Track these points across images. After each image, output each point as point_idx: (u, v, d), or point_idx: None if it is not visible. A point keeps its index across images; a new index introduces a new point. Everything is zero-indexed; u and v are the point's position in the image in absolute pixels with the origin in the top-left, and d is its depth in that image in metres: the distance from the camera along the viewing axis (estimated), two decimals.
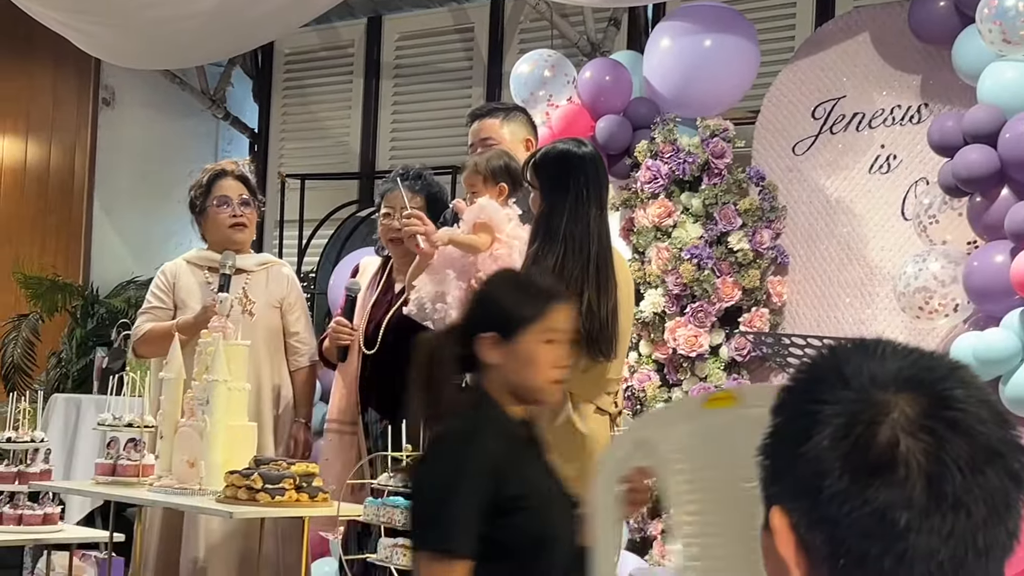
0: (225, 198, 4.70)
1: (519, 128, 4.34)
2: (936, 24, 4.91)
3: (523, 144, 4.29)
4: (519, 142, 4.28)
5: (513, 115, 4.37)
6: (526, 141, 4.30)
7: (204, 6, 6.35)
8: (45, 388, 7.65)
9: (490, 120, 4.35)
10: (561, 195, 3.73)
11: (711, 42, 5.55)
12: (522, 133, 4.32)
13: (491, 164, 4.05)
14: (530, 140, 4.32)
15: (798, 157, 5.47)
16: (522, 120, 4.38)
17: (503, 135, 4.30)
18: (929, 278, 4.63)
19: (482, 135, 4.34)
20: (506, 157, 4.08)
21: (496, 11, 7.96)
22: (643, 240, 5.50)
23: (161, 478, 4.14)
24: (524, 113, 4.45)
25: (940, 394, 1.09)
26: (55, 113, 8.96)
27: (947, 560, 1.06)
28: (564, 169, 3.75)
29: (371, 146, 8.47)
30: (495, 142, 4.27)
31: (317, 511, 3.89)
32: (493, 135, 4.31)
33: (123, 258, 8.84)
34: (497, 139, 4.28)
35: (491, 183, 4.04)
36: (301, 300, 4.80)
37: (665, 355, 5.41)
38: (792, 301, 5.41)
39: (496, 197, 4.03)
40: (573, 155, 3.78)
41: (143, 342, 4.72)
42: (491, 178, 4.04)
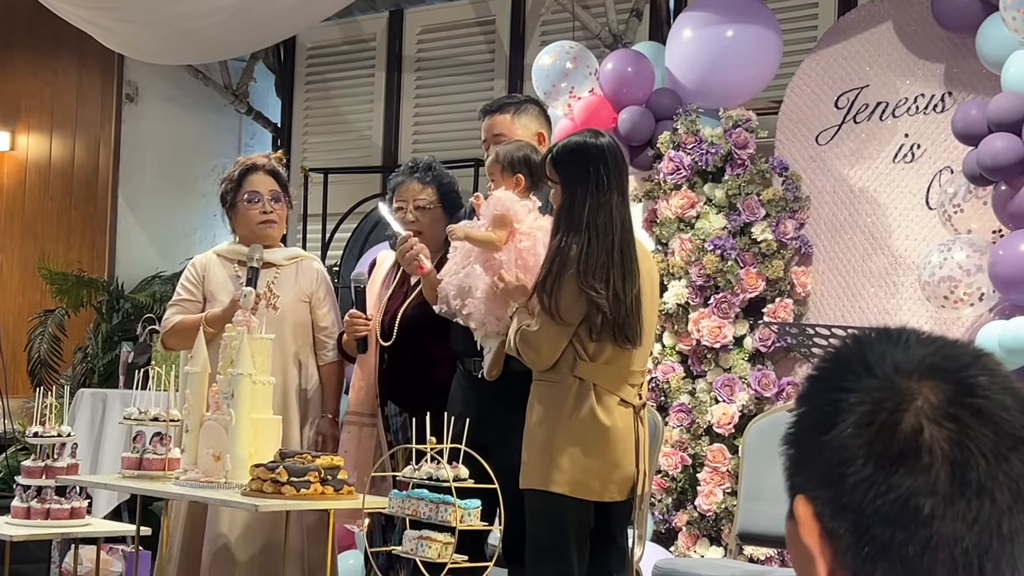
0: (256, 194, 4.70)
1: (531, 121, 4.32)
2: (959, 12, 4.88)
3: (535, 138, 4.27)
4: (531, 136, 4.27)
5: (524, 108, 4.35)
6: (538, 135, 4.28)
7: (226, 1, 6.36)
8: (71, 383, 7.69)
9: (500, 116, 4.33)
10: (582, 185, 3.74)
11: (733, 32, 5.54)
12: (534, 127, 4.30)
13: (510, 154, 4.05)
14: (542, 133, 4.29)
15: (821, 147, 5.45)
16: (534, 113, 4.36)
17: (515, 130, 4.28)
18: (954, 267, 4.61)
19: (494, 131, 4.33)
20: (527, 149, 4.08)
21: (517, 3, 7.95)
22: (666, 231, 5.49)
23: (187, 472, 4.15)
24: (537, 105, 4.43)
25: (964, 381, 1.09)
26: (79, 109, 9.00)
27: (972, 547, 1.06)
28: (583, 159, 3.77)
29: (393, 139, 8.48)
30: (506, 138, 4.25)
31: (342, 504, 3.90)
32: (504, 131, 4.29)
33: (148, 253, 8.87)
34: (508, 134, 4.27)
35: (508, 173, 4.04)
36: (330, 295, 4.80)
37: (689, 346, 5.41)
38: (816, 291, 5.39)
39: (513, 188, 4.02)
40: (591, 145, 3.80)
41: (172, 334, 4.74)
42: (508, 168, 4.04)
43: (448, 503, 3.49)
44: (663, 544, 5.32)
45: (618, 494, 3.79)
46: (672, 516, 5.36)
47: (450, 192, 4.63)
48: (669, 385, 5.41)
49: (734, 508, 5.05)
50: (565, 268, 3.68)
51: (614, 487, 3.77)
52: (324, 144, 8.84)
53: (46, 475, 4.74)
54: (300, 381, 4.63)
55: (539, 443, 3.75)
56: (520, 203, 3.97)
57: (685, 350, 5.44)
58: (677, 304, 5.41)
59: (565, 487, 3.71)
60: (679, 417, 5.35)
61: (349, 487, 3.92)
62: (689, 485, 5.35)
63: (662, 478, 5.33)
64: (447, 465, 3.54)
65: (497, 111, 4.35)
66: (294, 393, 4.59)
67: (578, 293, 3.68)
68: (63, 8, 6.66)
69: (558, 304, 3.69)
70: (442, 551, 3.50)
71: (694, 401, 5.35)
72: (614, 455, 3.76)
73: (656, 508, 5.38)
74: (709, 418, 5.30)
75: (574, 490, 3.71)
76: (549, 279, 3.70)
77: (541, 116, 4.37)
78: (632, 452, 3.79)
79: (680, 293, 5.40)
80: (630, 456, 3.78)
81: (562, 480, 3.71)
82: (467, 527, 3.49)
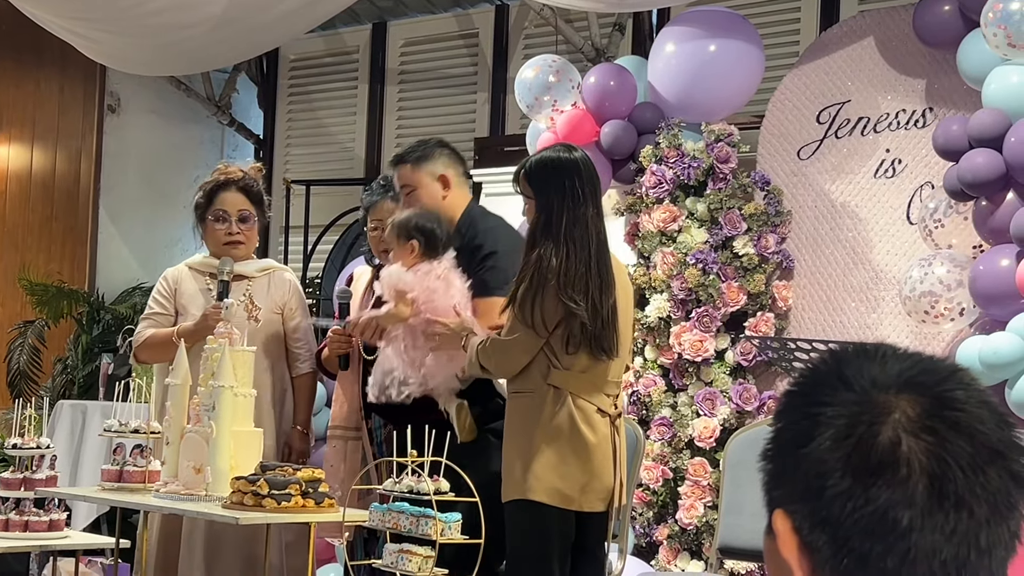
0: (224, 213, 4.68)
1: (433, 166, 4.32)
2: (941, 28, 4.91)
3: (439, 181, 4.29)
4: (435, 180, 4.30)
5: (427, 154, 4.34)
6: (441, 178, 4.30)
7: (209, 13, 6.36)
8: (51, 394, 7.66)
9: (403, 167, 4.36)
10: (557, 198, 3.78)
11: (716, 47, 5.56)
12: (439, 170, 4.31)
13: (403, 222, 4.17)
14: (444, 175, 4.30)
15: (803, 161, 5.47)
16: (438, 156, 4.35)
17: (418, 178, 4.31)
18: (935, 282, 4.62)
19: (400, 183, 4.37)
20: (421, 217, 4.17)
21: (501, 17, 7.96)
22: (648, 245, 5.50)
23: (167, 484, 4.14)
24: (442, 147, 4.42)
25: (941, 395, 1.10)
26: (61, 120, 8.97)
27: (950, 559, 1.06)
28: (556, 173, 3.81)
29: (376, 152, 8.47)
30: (411, 187, 4.30)
31: (323, 517, 3.89)
32: (408, 181, 4.33)
33: (129, 264, 8.84)
34: (412, 184, 4.31)
35: (402, 239, 4.16)
36: (303, 306, 4.79)
37: (671, 360, 5.41)
38: (797, 305, 5.40)
39: (408, 254, 4.14)
40: (565, 159, 3.84)
41: (143, 348, 4.72)
42: (402, 235, 4.16)
43: (429, 516, 3.49)
44: (644, 558, 5.32)
45: (598, 504, 3.80)
46: (653, 530, 5.36)
47: None
48: (651, 398, 5.41)
49: (715, 522, 5.05)
50: (545, 279, 3.70)
51: (593, 496, 3.78)
52: (306, 156, 8.84)
53: (25, 487, 4.72)
54: (273, 392, 4.61)
55: (517, 454, 3.76)
56: (407, 272, 4.09)
57: (667, 364, 5.44)
58: (659, 318, 5.42)
59: (544, 495, 3.71)
60: (660, 431, 5.35)
61: (330, 500, 3.91)
62: (670, 499, 5.35)
63: (643, 491, 5.33)
64: (428, 478, 3.53)
65: (398, 163, 4.38)
66: (267, 404, 4.57)
67: (557, 304, 3.70)
68: (46, 19, 6.64)
69: (542, 315, 3.70)
70: (422, 564, 3.49)
71: (675, 415, 5.35)
72: (593, 464, 3.76)
73: (637, 521, 5.37)
74: (690, 432, 5.30)
75: (553, 499, 3.72)
76: (528, 291, 3.71)
77: (446, 157, 4.35)
78: (610, 462, 3.80)
79: (662, 307, 5.41)
80: (608, 466, 3.79)
81: (540, 488, 3.71)
82: (447, 540, 3.49)
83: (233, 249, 4.68)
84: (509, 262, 4.03)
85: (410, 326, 4.08)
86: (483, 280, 4.07)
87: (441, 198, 4.28)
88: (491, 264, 4.11)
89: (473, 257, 4.15)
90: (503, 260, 4.09)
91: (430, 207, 4.25)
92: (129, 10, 6.34)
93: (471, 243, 4.18)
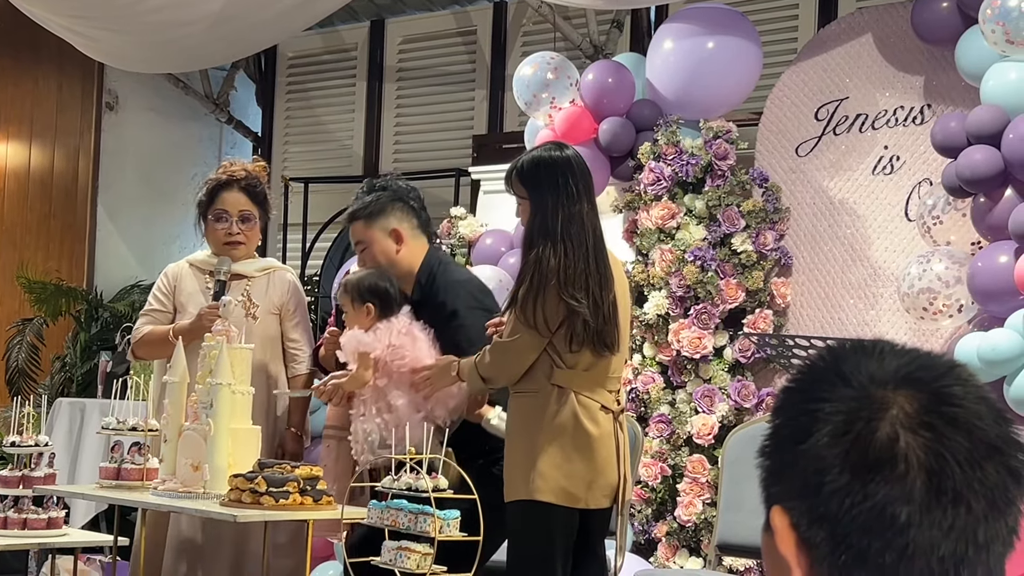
0: (224, 213, 4.67)
1: (384, 221, 4.32)
2: (939, 25, 4.91)
3: (391, 235, 4.30)
4: (386, 236, 4.31)
5: (377, 212, 4.34)
6: (393, 232, 4.30)
7: (208, 10, 6.35)
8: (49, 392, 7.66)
9: (354, 225, 4.37)
10: (552, 197, 3.78)
11: (714, 44, 5.55)
12: (391, 224, 4.32)
13: (357, 286, 4.21)
14: (396, 230, 4.31)
15: (801, 158, 5.47)
16: (389, 211, 4.35)
17: (370, 234, 4.33)
18: (933, 279, 4.62)
19: (354, 239, 4.40)
20: (374, 276, 4.21)
21: (499, 14, 7.96)
22: (646, 242, 5.50)
23: (165, 482, 4.13)
24: (393, 200, 4.41)
25: (939, 391, 1.10)
26: (59, 117, 8.97)
27: (948, 554, 1.06)
28: (549, 171, 3.81)
29: (374, 149, 8.47)
30: (364, 244, 4.31)
31: (321, 514, 3.89)
32: (362, 238, 4.35)
33: (127, 262, 8.84)
34: (365, 241, 4.33)
35: (358, 303, 4.21)
36: (301, 307, 4.77)
37: (669, 357, 5.41)
38: (796, 302, 5.40)
39: (364, 316, 4.18)
40: (557, 157, 3.85)
41: (141, 344, 4.72)
42: (357, 299, 4.21)
43: (427, 513, 3.49)
44: (642, 555, 5.32)
45: (603, 501, 3.80)
46: (652, 527, 5.36)
47: None
48: (649, 396, 5.41)
49: (713, 519, 5.05)
50: (546, 279, 3.69)
51: (599, 493, 3.78)
52: (305, 154, 8.84)
53: (23, 485, 4.72)
54: (269, 391, 4.61)
55: (522, 453, 3.75)
56: (366, 335, 4.13)
57: (665, 361, 5.44)
58: (657, 315, 5.42)
59: (551, 495, 3.70)
60: (659, 428, 5.35)
61: (328, 498, 3.91)
62: (669, 496, 5.35)
63: (642, 489, 5.33)
64: (426, 475, 3.53)
65: (351, 220, 4.39)
66: (262, 404, 4.56)
67: (559, 303, 3.69)
68: (44, 17, 6.64)
69: (544, 315, 3.70)
70: (421, 562, 3.49)
71: (674, 412, 5.35)
72: (598, 461, 3.76)
73: (636, 519, 5.37)
74: (689, 429, 5.30)
75: (559, 498, 3.71)
76: (529, 292, 3.71)
77: (398, 211, 4.35)
78: (615, 458, 3.80)
79: (660, 304, 5.41)
80: (613, 462, 3.79)
81: (547, 488, 3.70)
82: (446, 538, 3.49)
83: (233, 249, 4.67)
84: (474, 318, 4.09)
85: (378, 388, 4.12)
86: (455, 343, 4.07)
87: (395, 252, 4.30)
88: (457, 324, 4.13)
89: (438, 315, 4.18)
90: (468, 317, 4.12)
91: (384, 263, 4.29)
92: (127, 8, 6.34)
93: (434, 299, 4.21)
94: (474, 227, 6.27)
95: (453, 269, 4.33)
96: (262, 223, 4.82)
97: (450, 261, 4.40)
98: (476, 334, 3.99)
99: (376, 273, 4.26)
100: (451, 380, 3.97)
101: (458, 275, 4.29)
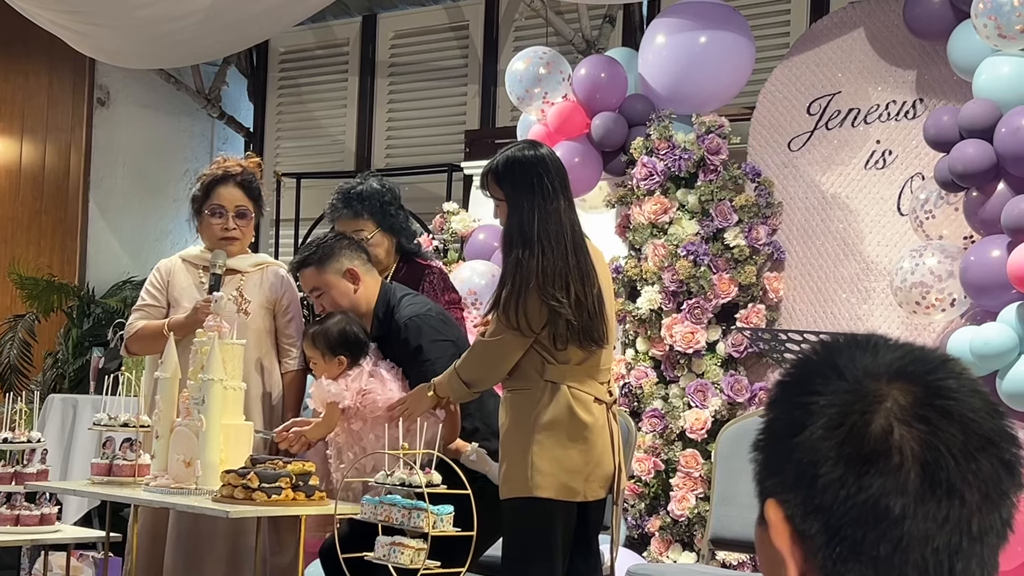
0: (221, 208, 4.65)
1: (336, 263, 4.29)
2: (931, 19, 4.91)
3: (347, 275, 4.28)
4: (341, 278, 4.29)
5: (326, 255, 4.30)
6: (348, 272, 4.29)
7: (198, 5, 6.34)
8: (41, 388, 7.65)
9: (305, 272, 4.34)
10: (528, 197, 3.78)
11: (706, 39, 5.55)
12: (343, 266, 4.29)
13: (325, 338, 4.18)
14: (351, 269, 4.29)
15: (794, 153, 5.47)
16: (337, 252, 4.31)
17: (325, 281, 4.30)
18: (926, 273, 4.63)
19: (308, 287, 4.37)
20: (339, 326, 4.19)
21: (491, 8, 7.95)
22: (639, 237, 5.50)
23: (157, 478, 4.13)
24: (337, 239, 4.39)
25: (932, 384, 1.10)
26: (50, 113, 8.95)
27: (942, 546, 1.07)
28: (525, 171, 3.81)
29: (367, 144, 8.47)
30: (321, 290, 4.30)
31: (314, 510, 3.89)
32: (316, 284, 4.32)
33: (119, 258, 8.83)
34: (321, 286, 4.30)
35: (329, 357, 4.18)
36: (295, 303, 4.76)
37: (662, 352, 5.41)
38: (788, 297, 5.41)
39: (337, 367, 4.16)
40: (531, 156, 3.85)
41: (135, 339, 4.70)
42: (328, 352, 4.18)
43: (421, 509, 3.48)
44: (636, 549, 5.32)
45: (600, 491, 3.80)
46: (645, 521, 5.37)
47: (386, 213, 4.64)
48: (642, 390, 5.41)
49: (707, 513, 5.05)
50: (526, 281, 3.70)
51: (596, 484, 3.78)
52: (297, 149, 8.83)
53: (16, 481, 4.70)
54: (263, 387, 4.59)
55: (518, 450, 3.74)
56: (335, 384, 4.12)
57: (658, 355, 5.44)
58: (650, 310, 5.42)
59: (550, 491, 3.71)
60: (652, 422, 5.35)
61: (320, 493, 3.90)
62: (662, 490, 5.35)
63: (635, 483, 5.33)
64: (420, 471, 3.53)
65: (300, 267, 4.36)
66: (257, 400, 4.55)
67: (540, 305, 3.70)
68: (34, 12, 6.62)
69: (527, 317, 3.71)
70: (415, 557, 3.49)
71: (667, 406, 5.35)
72: (595, 451, 3.77)
73: (629, 513, 5.38)
74: (682, 423, 5.30)
75: (559, 492, 3.72)
76: (511, 294, 3.72)
77: (347, 250, 4.32)
78: (610, 448, 3.80)
79: (653, 299, 5.41)
80: (609, 452, 3.80)
81: (545, 484, 3.70)
82: (440, 533, 3.48)
83: (228, 244, 4.66)
84: (439, 351, 4.10)
85: (353, 432, 4.12)
86: (423, 379, 4.03)
87: (353, 292, 4.28)
88: (423, 359, 4.12)
89: (403, 352, 4.18)
90: (433, 351, 4.12)
91: (346, 305, 4.27)
92: (118, 3, 6.33)
93: (397, 335, 4.19)
94: (467, 222, 6.27)
95: (409, 301, 4.27)
96: (256, 219, 4.81)
97: (405, 292, 4.34)
98: (442, 366, 3.99)
99: (342, 320, 4.22)
100: (429, 403, 3.95)
101: (415, 307, 4.24)
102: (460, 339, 4.25)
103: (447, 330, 4.23)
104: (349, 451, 4.13)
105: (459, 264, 6.08)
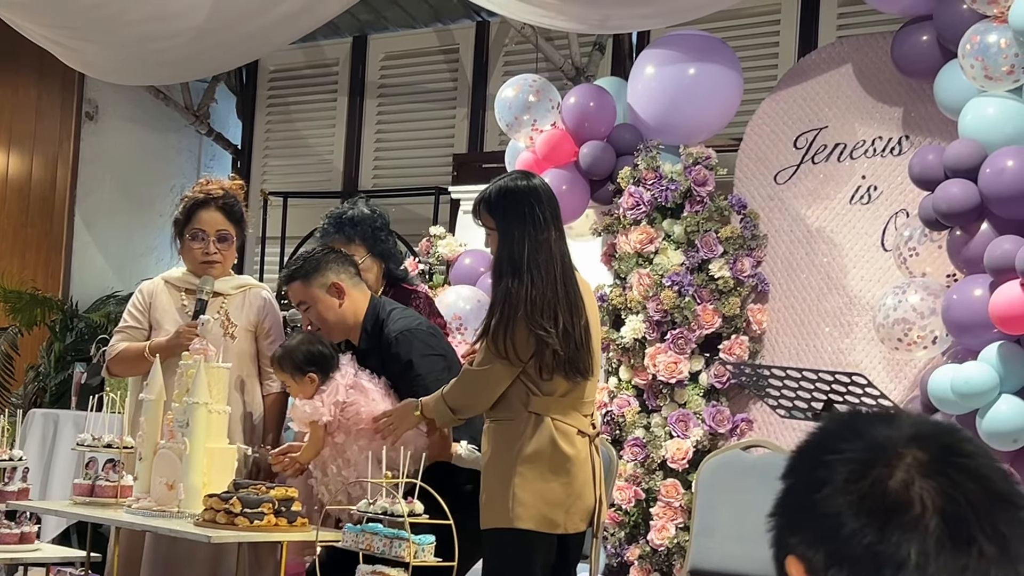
0: (201, 232, 4.65)
1: (322, 278, 4.31)
2: (919, 58, 4.94)
3: (332, 289, 4.31)
4: (327, 292, 4.31)
5: (313, 269, 4.33)
6: (334, 286, 4.31)
7: (191, 24, 6.35)
8: (23, 402, 7.62)
9: (292, 286, 4.37)
10: (519, 227, 3.80)
11: (695, 70, 5.58)
12: (328, 280, 4.31)
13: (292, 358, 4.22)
14: (336, 283, 4.31)
15: (780, 186, 5.50)
16: (323, 266, 4.33)
17: (311, 295, 4.33)
18: (908, 310, 4.66)
19: (295, 300, 4.40)
20: (303, 346, 4.23)
21: (481, 33, 7.98)
22: (625, 266, 5.52)
23: (139, 500, 4.12)
24: (325, 254, 4.42)
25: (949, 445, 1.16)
26: (38, 126, 8.95)
27: None
28: (516, 201, 3.83)
29: (354, 165, 8.48)
30: (308, 304, 4.33)
31: (296, 536, 3.89)
32: (302, 299, 4.35)
33: (103, 272, 8.82)
34: (307, 300, 4.33)
35: (299, 376, 4.22)
36: (277, 325, 4.77)
37: (645, 381, 5.43)
38: (772, 329, 5.43)
39: (309, 386, 4.19)
40: (523, 186, 3.87)
41: (116, 361, 4.70)
42: (297, 372, 4.22)
43: (402, 538, 3.49)
44: None
45: (581, 524, 3.82)
46: (624, 550, 5.38)
47: (376, 239, 4.67)
48: (624, 419, 5.42)
49: (686, 543, 5.06)
50: (515, 311, 3.72)
51: (576, 517, 3.80)
52: (284, 168, 8.84)
53: None
54: (244, 408, 4.60)
55: (500, 480, 3.76)
56: (312, 404, 4.14)
57: (641, 384, 5.46)
58: (634, 339, 5.43)
59: (530, 522, 3.72)
60: (633, 451, 5.36)
61: (303, 519, 3.91)
62: (642, 519, 5.37)
63: (615, 512, 5.34)
64: (402, 500, 3.54)
65: (288, 282, 4.39)
66: (239, 421, 4.56)
67: (528, 334, 3.72)
68: (24, 26, 6.63)
69: (515, 347, 3.72)
70: None
71: (649, 435, 5.37)
72: (576, 484, 3.78)
73: (608, 542, 5.39)
74: (663, 453, 5.32)
75: (539, 524, 3.73)
76: (500, 324, 3.74)
77: (334, 264, 4.34)
78: (591, 481, 3.82)
79: (637, 328, 5.42)
80: (590, 485, 3.81)
81: (526, 516, 3.72)
82: (421, 563, 3.49)
83: (210, 268, 4.66)
84: (430, 365, 4.13)
85: (336, 445, 4.13)
86: (414, 394, 4.05)
87: (338, 307, 4.30)
88: (414, 374, 4.14)
89: (393, 367, 4.19)
90: (423, 366, 4.14)
91: (331, 319, 4.29)
92: (109, 19, 6.33)
93: (388, 349, 4.20)
94: (453, 246, 6.29)
95: (399, 315, 4.29)
96: (239, 242, 4.81)
97: (394, 306, 4.36)
98: (433, 380, 4.02)
99: (305, 339, 4.27)
100: (414, 422, 3.97)
101: (405, 322, 4.25)
102: (450, 353, 4.27)
103: (437, 344, 4.25)
104: (332, 464, 4.14)
105: (444, 288, 6.09)
